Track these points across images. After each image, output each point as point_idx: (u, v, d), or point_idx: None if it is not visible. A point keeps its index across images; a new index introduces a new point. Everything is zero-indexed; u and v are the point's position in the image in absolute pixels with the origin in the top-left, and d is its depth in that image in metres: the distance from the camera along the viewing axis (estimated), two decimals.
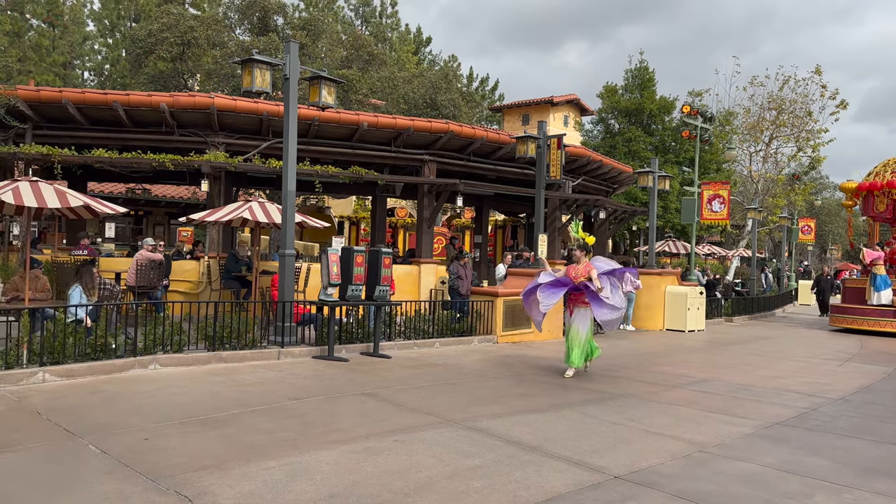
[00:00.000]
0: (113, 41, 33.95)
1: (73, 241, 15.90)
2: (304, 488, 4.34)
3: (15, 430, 5.41)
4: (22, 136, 13.78)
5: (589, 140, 31.34)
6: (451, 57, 42.20)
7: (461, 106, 23.98)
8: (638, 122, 29.77)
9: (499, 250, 26.02)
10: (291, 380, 8.02)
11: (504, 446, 5.50)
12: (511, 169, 17.52)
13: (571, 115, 36.80)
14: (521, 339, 12.68)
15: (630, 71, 30.47)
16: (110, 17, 34.18)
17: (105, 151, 13.37)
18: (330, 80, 10.57)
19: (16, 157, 13.18)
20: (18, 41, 29.71)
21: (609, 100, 30.13)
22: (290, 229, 10.35)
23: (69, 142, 13.79)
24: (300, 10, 28.57)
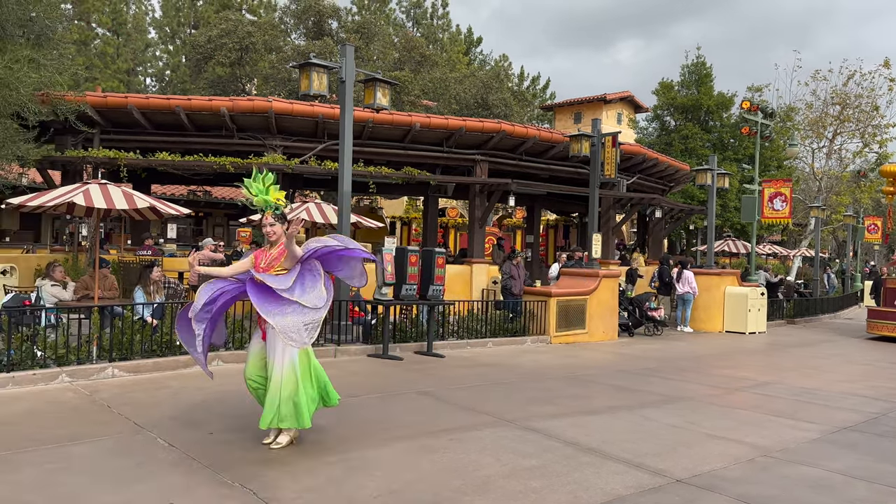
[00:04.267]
0: (174, 48, 35.07)
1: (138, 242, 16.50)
2: (364, 484, 4.41)
3: (87, 423, 5.65)
4: (90, 140, 14.35)
5: (644, 137, 30.82)
6: (501, 56, 42.11)
7: (512, 105, 23.91)
8: (695, 119, 29.11)
9: (551, 250, 25.84)
10: (348, 377, 8.14)
11: (561, 447, 5.47)
12: (564, 168, 17.37)
13: (625, 112, 36.24)
14: (576, 339, 12.57)
15: (686, 66, 29.82)
16: (171, 24, 35.33)
17: (168, 155, 13.81)
18: (384, 83, 10.69)
19: (85, 160, 13.74)
20: (85, 49, 30.96)
21: (665, 96, 29.56)
22: (345, 229, 10.51)
23: (134, 146, 14.30)
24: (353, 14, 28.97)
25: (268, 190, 5.15)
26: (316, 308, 4.98)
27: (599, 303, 13.03)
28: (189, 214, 11.67)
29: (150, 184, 17.98)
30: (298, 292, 4.95)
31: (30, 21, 11.98)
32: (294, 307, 4.91)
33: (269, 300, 4.93)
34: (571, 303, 12.57)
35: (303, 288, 5.01)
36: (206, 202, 25.15)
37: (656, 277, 16.70)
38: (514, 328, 11.99)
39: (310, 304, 4.95)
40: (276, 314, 4.87)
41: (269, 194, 5.15)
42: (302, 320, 4.90)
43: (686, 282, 15.61)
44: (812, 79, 27.64)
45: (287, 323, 4.85)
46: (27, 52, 11.16)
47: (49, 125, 13.38)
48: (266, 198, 5.13)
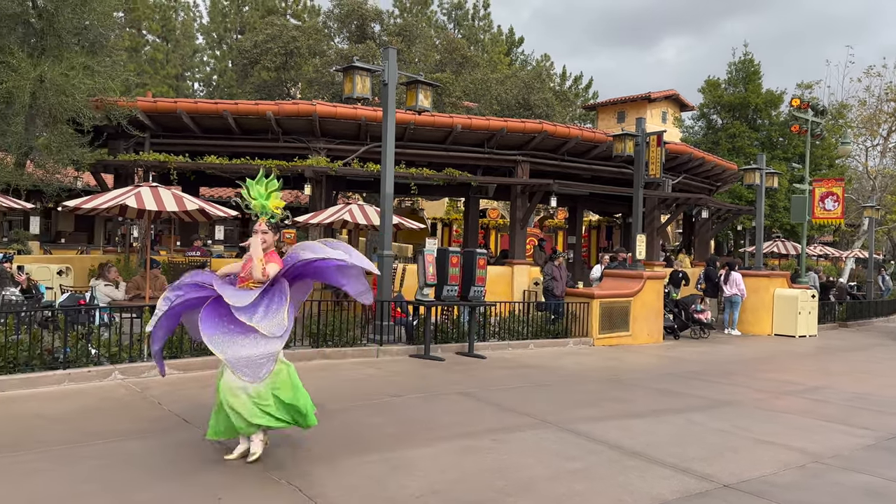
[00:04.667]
0: (220, 53, 35.86)
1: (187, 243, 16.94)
2: (407, 483, 4.45)
3: (139, 419, 5.83)
4: (141, 144, 14.80)
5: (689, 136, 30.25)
6: (543, 56, 41.88)
7: (554, 105, 23.77)
8: (742, 117, 28.45)
9: (593, 251, 25.58)
10: (390, 377, 8.21)
11: (605, 450, 5.42)
12: (607, 168, 17.20)
13: (670, 111, 35.66)
14: (619, 342, 12.42)
15: (733, 64, 29.17)
16: (218, 30, 36.13)
17: (216, 158, 14.15)
18: (426, 84, 10.74)
19: (136, 164, 14.18)
20: (136, 56, 31.90)
21: (711, 94, 28.96)
22: (387, 231, 10.60)
23: (183, 149, 14.68)
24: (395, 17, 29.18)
25: (269, 196, 4.92)
26: (273, 337, 4.49)
27: (644, 305, 12.85)
28: (236, 216, 11.92)
29: (198, 186, 18.42)
30: (260, 315, 4.49)
31: (84, 29, 12.44)
32: (249, 338, 4.48)
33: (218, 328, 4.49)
34: (615, 304, 12.43)
35: (266, 311, 4.53)
36: None
37: (702, 279, 16.39)
38: (556, 330, 11.91)
39: (267, 331, 4.46)
40: (226, 346, 4.44)
41: (270, 200, 4.91)
42: (255, 353, 4.46)
43: (734, 284, 15.28)
44: (866, 75, 26.77)
45: (236, 356, 4.43)
46: (82, 60, 11.59)
47: (102, 130, 13.85)
48: (264, 203, 4.88)
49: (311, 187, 14.68)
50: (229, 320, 4.50)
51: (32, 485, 4.19)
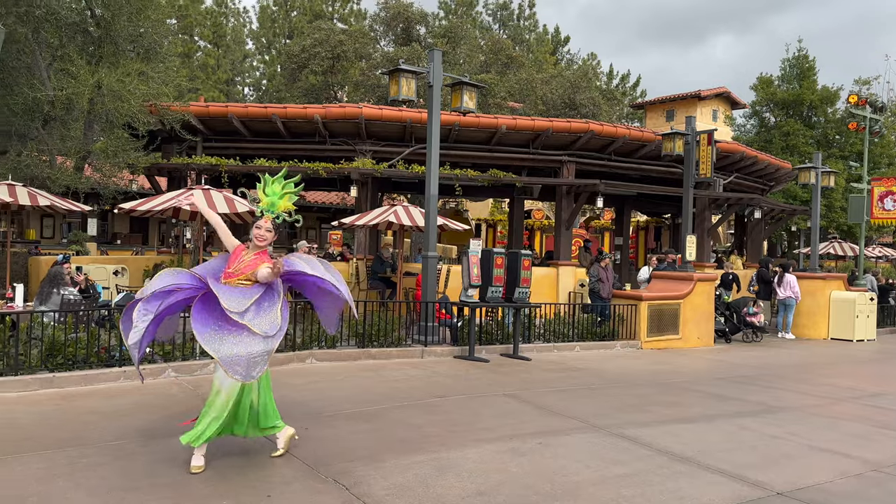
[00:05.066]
0: (269, 58, 36.54)
1: None
2: (452, 484, 4.45)
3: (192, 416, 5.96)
4: (194, 148, 15.19)
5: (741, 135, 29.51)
6: (590, 55, 41.44)
7: (601, 104, 23.48)
8: (797, 115, 27.62)
9: (641, 252, 25.19)
10: (435, 378, 8.23)
11: (654, 455, 5.32)
12: (655, 167, 16.91)
13: (721, 108, 34.87)
14: (668, 345, 12.19)
15: (787, 60, 28.35)
16: (267, 35, 36.83)
17: (265, 161, 14.43)
18: (471, 86, 10.75)
19: (189, 167, 14.56)
20: (188, 61, 32.75)
21: (763, 92, 28.20)
22: (432, 232, 10.63)
23: (233, 153, 15.01)
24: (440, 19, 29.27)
25: (282, 196, 4.82)
26: (266, 336, 4.37)
27: (694, 307, 12.59)
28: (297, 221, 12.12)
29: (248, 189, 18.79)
30: (252, 314, 4.38)
31: (140, 37, 12.83)
32: (241, 335, 4.35)
33: (209, 325, 4.36)
34: (664, 307, 12.21)
35: (258, 309, 4.43)
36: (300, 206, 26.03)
37: (755, 281, 15.97)
38: (603, 332, 11.76)
39: (260, 329, 4.34)
40: (218, 343, 4.30)
41: (281, 200, 4.81)
42: (248, 352, 4.32)
43: (788, 286, 14.85)
44: None
45: (229, 354, 4.29)
46: (137, 66, 11.95)
47: (157, 134, 14.26)
48: (275, 201, 4.78)
49: (357, 189, 14.84)
50: (221, 317, 4.38)
51: (92, 478, 4.33)
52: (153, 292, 4.44)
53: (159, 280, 4.53)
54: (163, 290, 4.47)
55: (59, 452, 4.79)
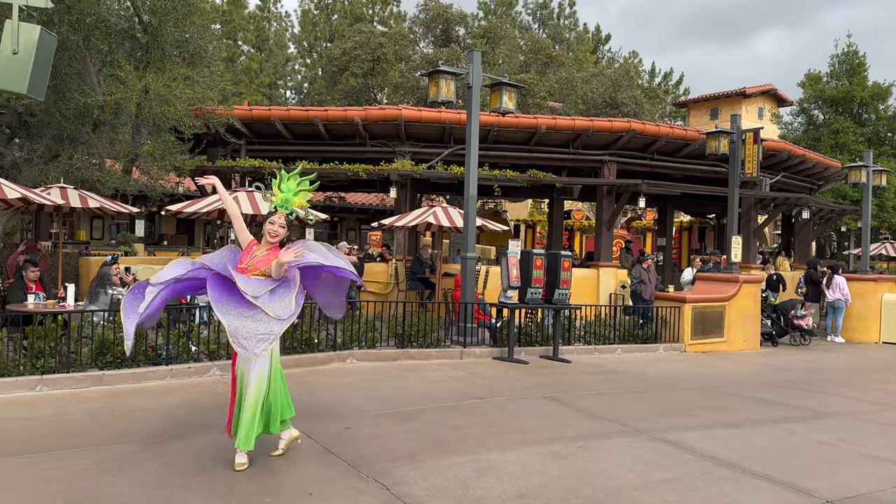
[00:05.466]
0: (311, 61, 37.02)
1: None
2: (492, 486, 4.44)
3: None
4: (238, 151, 15.48)
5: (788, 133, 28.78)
6: (631, 53, 40.95)
7: (643, 103, 23.15)
8: (846, 112, 26.81)
9: (684, 253, 24.75)
10: (474, 379, 8.22)
11: (697, 460, 5.22)
12: (699, 167, 16.61)
13: (767, 106, 34.05)
14: (712, 348, 11.95)
15: (836, 56, 27.54)
16: (308, 38, 37.32)
17: (307, 163, 14.62)
18: (510, 86, 10.71)
19: (233, 170, 14.85)
20: (232, 66, 33.39)
21: (812, 89, 27.44)
22: (471, 233, 10.62)
23: (276, 155, 15.25)
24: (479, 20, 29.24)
25: (297, 193, 4.84)
26: (278, 319, 4.44)
27: (739, 310, 12.32)
28: (326, 220, 12.26)
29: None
30: (265, 298, 4.46)
31: (185, 42, 13.11)
32: (253, 312, 4.43)
33: (225, 297, 4.46)
34: (708, 309, 11.98)
35: (272, 295, 4.51)
36: (340, 207, 26.33)
37: (802, 283, 15.55)
38: (645, 335, 11.59)
39: (272, 312, 4.42)
40: (229, 315, 4.40)
41: (296, 197, 4.83)
42: (257, 328, 4.40)
43: (837, 288, 14.41)
44: None
45: (239, 326, 4.37)
46: (183, 71, 12.22)
47: (202, 137, 14.56)
48: (289, 198, 4.79)
49: (396, 190, 14.93)
50: (237, 296, 4.45)
51: (139, 474, 4.44)
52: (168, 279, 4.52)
53: (172, 268, 4.58)
54: (176, 277, 4.56)
55: (108, 448, 4.93)
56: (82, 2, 11.26)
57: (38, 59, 7.15)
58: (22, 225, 18.38)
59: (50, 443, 5.05)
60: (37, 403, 6.26)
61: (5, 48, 7.06)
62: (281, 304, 4.48)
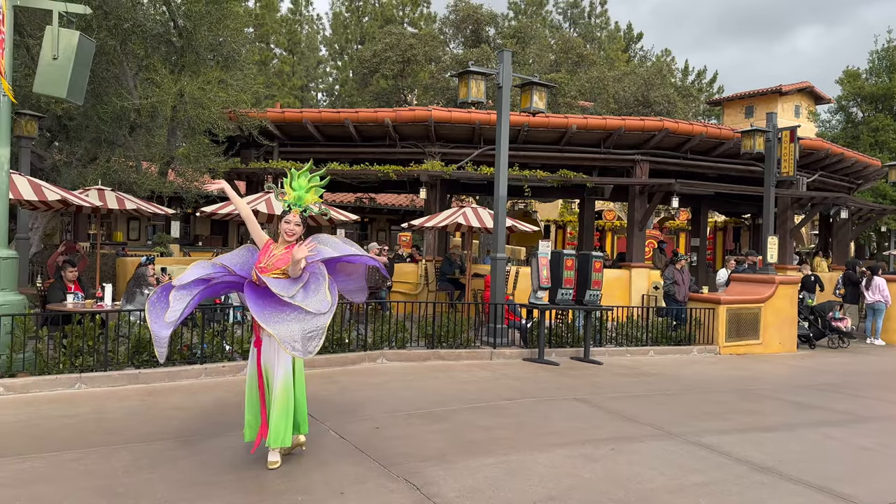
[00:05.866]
0: (342, 63, 37.30)
1: None
2: (523, 487, 4.41)
3: None
4: (270, 153, 15.66)
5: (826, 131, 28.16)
6: (663, 51, 40.46)
7: (676, 101, 22.83)
8: (886, 109, 26.14)
9: (718, 254, 24.37)
10: (504, 380, 8.19)
11: (732, 464, 5.13)
12: (733, 166, 16.34)
13: (804, 104, 33.33)
14: (748, 350, 11.74)
15: (875, 52, 26.88)
16: (339, 41, 37.61)
17: (338, 165, 14.73)
18: (541, 86, 10.66)
19: (266, 171, 15.03)
20: (265, 69, 33.79)
21: (850, 86, 26.81)
22: (501, 233, 10.60)
23: (308, 157, 15.38)
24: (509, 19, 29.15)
25: (309, 189, 4.77)
26: (319, 313, 4.41)
27: (775, 311, 12.08)
28: (357, 221, 12.35)
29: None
30: (301, 296, 4.43)
31: (219, 45, 13.32)
32: (295, 313, 4.41)
33: (266, 305, 4.42)
34: (743, 311, 11.77)
35: (306, 292, 4.47)
36: (371, 208, 26.48)
37: (841, 284, 15.19)
38: (679, 336, 11.44)
39: (313, 308, 4.38)
40: (275, 322, 4.35)
41: (308, 194, 4.76)
42: (303, 328, 4.37)
43: (877, 289, 14.05)
44: None
45: (286, 331, 4.33)
46: (217, 74, 12.41)
47: (235, 140, 14.77)
48: (302, 195, 4.73)
49: (426, 191, 14.96)
50: (273, 300, 4.43)
51: (175, 471, 4.52)
52: (192, 280, 4.46)
53: (195, 270, 4.53)
54: (200, 278, 4.50)
55: (145, 446, 5.03)
56: (120, 7, 11.51)
57: (77, 64, 7.33)
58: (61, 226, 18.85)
59: (89, 440, 5.16)
60: (76, 401, 6.41)
61: (46, 54, 7.26)
62: (317, 298, 4.46)
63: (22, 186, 9.00)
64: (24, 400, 6.38)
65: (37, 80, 7.30)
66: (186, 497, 4.08)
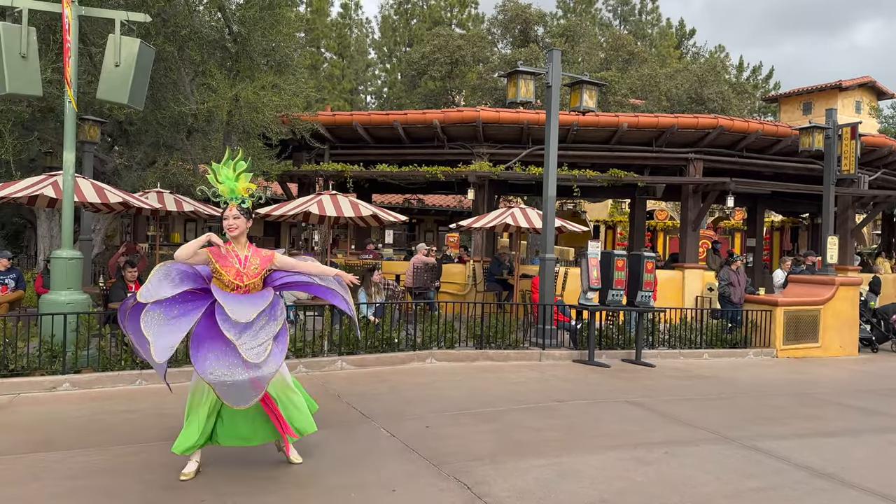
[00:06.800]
0: (390, 66, 37.61)
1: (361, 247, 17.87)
2: (575, 490, 4.38)
3: (322, 410, 6.18)
4: (321, 155, 15.91)
5: (889, 127, 27.09)
6: (717, 48, 39.50)
7: (730, 98, 22.30)
8: None
9: (775, 255, 23.67)
10: (553, 381, 8.13)
11: (790, 470, 4.99)
12: (791, 164, 15.85)
13: (865, 99, 32.13)
14: (806, 354, 11.38)
15: None
16: (388, 44, 37.93)
17: (387, 166, 14.87)
18: (591, 84, 10.56)
19: (317, 174, 15.29)
20: (315, 73, 34.31)
21: None
22: (550, 234, 10.53)
23: (357, 159, 15.59)
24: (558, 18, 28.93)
25: (237, 177, 4.50)
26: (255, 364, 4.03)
27: (835, 314, 11.68)
28: (405, 221, 12.44)
29: (371, 193, 19.45)
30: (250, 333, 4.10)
31: (272, 51, 13.58)
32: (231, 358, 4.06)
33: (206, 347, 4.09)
34: (801, 313, 11.42)
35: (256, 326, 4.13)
36: (419, 209, 26.63)
37: None
38: (734, 339, 11.16)
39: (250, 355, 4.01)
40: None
41: (239, 182, 4.49)
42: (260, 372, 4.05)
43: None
44: None
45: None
46: (271, 79, 12.67)
47: (288, 143, 15.06)
48: (234, 185, 4.46)
49: (474, 191, 14.96)
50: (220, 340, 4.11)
51: (230, 466, 4.64)
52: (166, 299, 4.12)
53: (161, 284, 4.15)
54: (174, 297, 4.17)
55: None
56: (177, 15, 11.86)
57: (137, 71, 7.60)
58: (121, 228, 19.54)
59: (149, 435, 5.34)
60: (137, 397, 6.64)
61: (109, 61, 7.54)
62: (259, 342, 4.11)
63: (86, 189, 9.37)
64: (88, 395, 6.65)
65: (100, 86, 7.60)
66: (244, 492, 4.19)
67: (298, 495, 4.17)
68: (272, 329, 4.17)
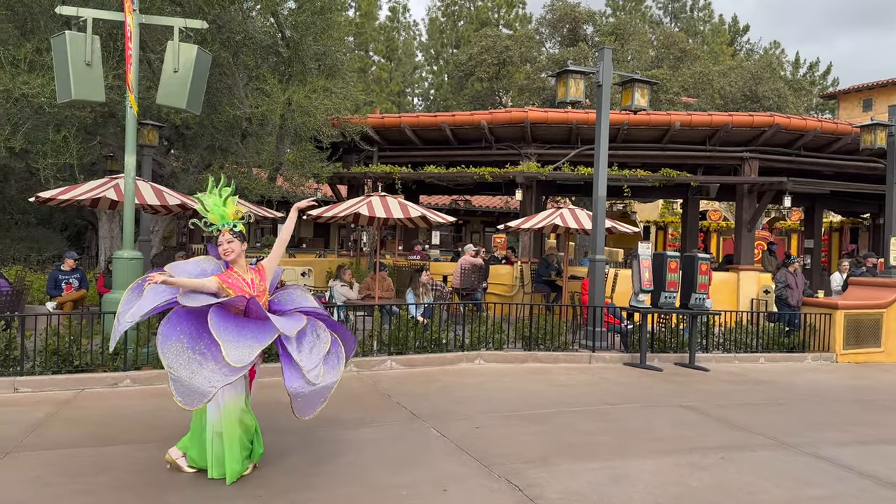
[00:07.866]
0: (437, 68, 37.78)
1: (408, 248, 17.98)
2: (628, 494, 4.32)
3: (372, 409, 6.32)
4: (370, 157, 16.08)
5: None
6: (772, 44, 38.48)
7: (787, 96, 21.65)
8: None
9: (834, 256, 22.89)
10: (604, 384, 8.04)
11: (853, 478, 4.82)
12: (851, 163, 15.30)
13: None
14: (868, 358, 10.97)
15: None
16: (435, 46, 38.11)
17: (434, 168, 14.94)
18: (643, 83, 10.39)
19: (366, 175, 15.46)
20: (364, 76, 34.70)
21: None
22: (600, 235, 10.40)
23: (406, 161, 15.69)
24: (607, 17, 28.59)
25: (225, 202, 4.50)
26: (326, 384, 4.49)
27: None
28: (453, 223, 12.46)
29: (418, 195, 19.56)
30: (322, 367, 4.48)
31: (323, 55, 13.80)
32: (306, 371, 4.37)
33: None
34: (862, 316, 11.01)
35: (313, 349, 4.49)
36: (466, 210, 26.65)
37: None
38: (791, 343, 10.83)
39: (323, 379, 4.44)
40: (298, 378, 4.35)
41: (227, 208, 4.50)
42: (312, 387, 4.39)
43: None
44: None
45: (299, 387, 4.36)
46: (322, 83, 12.87)
47: (338, 146, 15.27)
48: (223, 211, 4.48)
49: (522, 192, 14.89)
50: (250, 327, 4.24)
51: (284, 463, 4.74)
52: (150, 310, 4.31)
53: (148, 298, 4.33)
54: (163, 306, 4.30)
55: None
56: (232, 21, 12.15)
57: (195, 77, 7.82)
58: (178, 229, 20.10)
59: None
60: None
61: (168, 67, 7.78)
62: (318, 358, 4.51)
63: (146, 192, 9.68)
64: (148, 391, 6.86)
65: (160, 92, 7.84)
66: (294, 487, 4.27)
67: (347, 492, 4.22)
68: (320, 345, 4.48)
